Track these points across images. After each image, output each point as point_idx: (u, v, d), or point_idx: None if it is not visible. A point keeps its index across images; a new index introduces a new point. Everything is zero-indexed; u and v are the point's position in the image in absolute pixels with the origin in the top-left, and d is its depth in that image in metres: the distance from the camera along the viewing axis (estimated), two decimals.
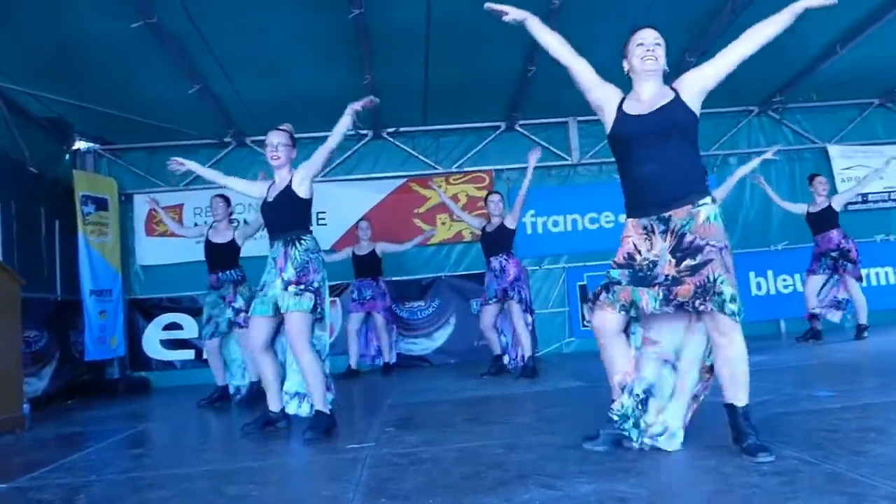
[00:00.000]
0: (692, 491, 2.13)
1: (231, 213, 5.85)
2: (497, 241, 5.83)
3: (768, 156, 6.33)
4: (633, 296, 2.62)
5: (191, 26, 5.25)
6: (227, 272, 5.51)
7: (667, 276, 2.58)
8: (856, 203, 8.05)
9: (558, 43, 2.84)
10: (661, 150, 2.61)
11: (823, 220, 6.47)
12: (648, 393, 2.75)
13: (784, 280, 7.91)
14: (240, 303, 5.41)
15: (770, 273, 7.90)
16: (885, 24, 5.93)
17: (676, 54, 6.26)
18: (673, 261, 2.58)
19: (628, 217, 2.74)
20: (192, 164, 4.17)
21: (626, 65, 2.79)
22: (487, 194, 6.26)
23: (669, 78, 2.81)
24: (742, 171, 6.24)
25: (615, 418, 2.74)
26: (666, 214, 2.61)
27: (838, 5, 6.04)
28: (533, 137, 8.06)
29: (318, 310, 3.62)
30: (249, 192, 4.04)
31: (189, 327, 7.52)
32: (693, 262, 2.54)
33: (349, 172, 7.98)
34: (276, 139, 3.81)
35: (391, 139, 8.04)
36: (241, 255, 5.69)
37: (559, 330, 7.83)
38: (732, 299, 2.47)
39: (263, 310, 3.66)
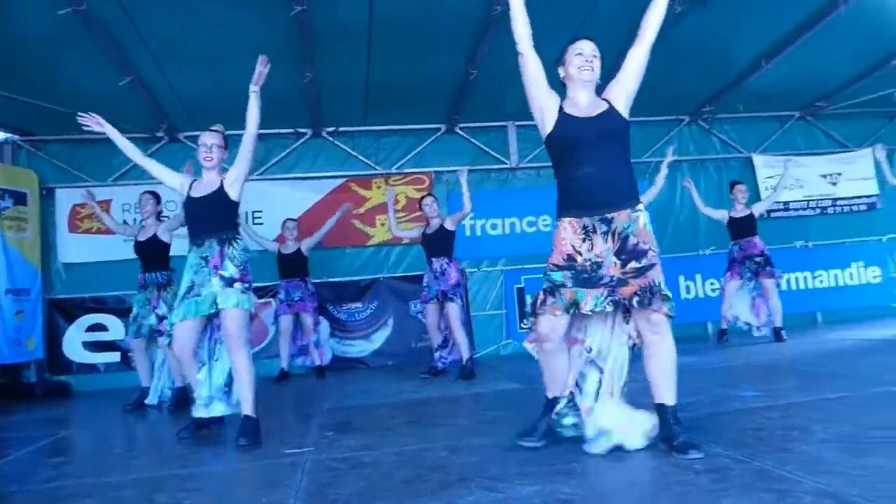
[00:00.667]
0: (632, 490, 2.18)
1: (160, 212, 5.65)
2: (438, 242, 5.88)
3: (669, 159, 6.50)
4: (576, 296, 2.65)
5: (123, 15, 5.05)
6: (154, 273, 5.34)
7: (612, 277, 2.64)
8: (777, 210, 8.46)
9: (524, 25, 2.82)
10: (603, 153, 2.71)
11: (747, 227, 6.74)
12: (576, 390, 2.82)
13: (711, 284, 8.20)
14: (163, 309, 5.20)
15: (698, 277, 8.19)
16: (804, 42, 6.25)
17: (616, 58, 6.41)
18: (618, 263, 2.65)
19: (564, 216, 2.76)
20: (109, 129, 3.94)
21: (562, 72, 2.87)
22: (422, 197, 6.25)
23: (601, 85, 2.89)
24: (660, 180, 6.43)
25: (556, 419, 2.80)
26: (609, 215, 2.67)
27: (764, 22, 6.35)
28: (473, 140, 8.12)
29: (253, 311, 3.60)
30: (167, 180, 3.88)
31: (115, 329, 7.21)
32: (638, 265, 2.63)
33: (287, 171, 7.84)
34: (210, 140, 3.75)
35: (331, 138, 7.94)
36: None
37: (496, 332, 7.90)
38: (672, 303, 2.62)
39: (200, 310, 3.54)
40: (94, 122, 3.95)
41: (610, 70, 2.95)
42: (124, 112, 6.72)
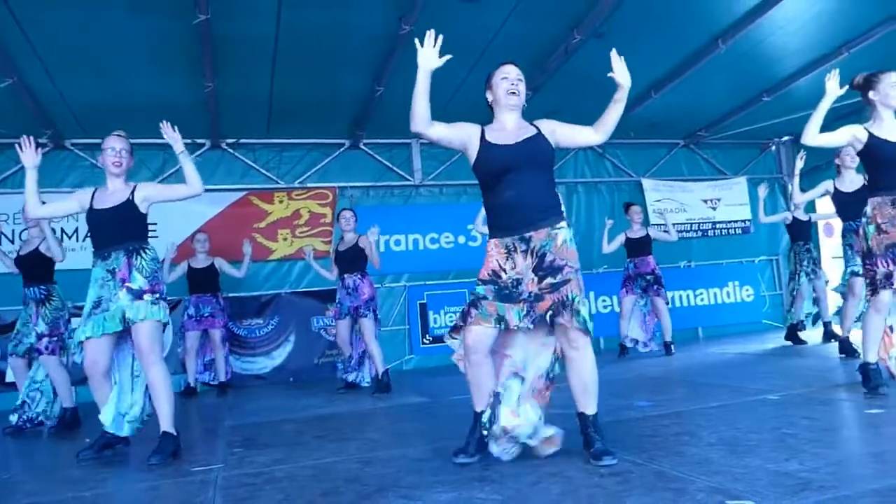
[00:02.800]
0: (542, 494, 2.28)
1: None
2: (352, 258, 5.88)
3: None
4: (499, 311, 2.76)
5: (6, 13, 4.74)
6: (33, 288, 4.99)
7: (530, 292, 2.77)
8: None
9: (425, 105, 2.84)
10: (524, 177, 2.82)
11: (642, 246, 7.18)
12: (496, 400, 2.86)
13: (603, 301, 8.63)
14: (41, 327, 4.87)
15: (592, 294, 8.58)
16: (688, 76, 6.75)
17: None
18: (535, 278, 2.77)
19: (491, 237, 2.90)
20: (30, 169, 3.59)
21: (489, 95, 3.00)
22: (340, 210, 6.20)
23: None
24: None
25: (484, 433, 2.84)
26: (527, 235, 2.80)
27: (653, 56, 6.80)
28: (376, 157, 8.18)
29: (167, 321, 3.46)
30: (70, 209, 3.71)
31: None
32: (553, 281, 2.75)
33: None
34: (120, 145, 3.61)
35: (231, 150, 7.75)
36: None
37: (399, 347, 7.92)
38: (588, 317, 2.74)
39: (109, 326, 3.36)
40: (31, 152, 3.62)
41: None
42: (3, 116, 6.30)
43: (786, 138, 9.66)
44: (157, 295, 3.42)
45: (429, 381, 6.30)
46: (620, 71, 2.90)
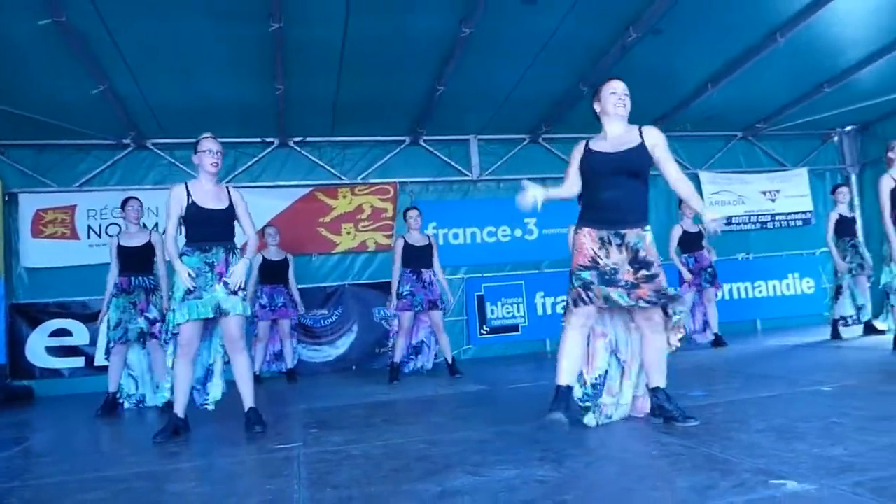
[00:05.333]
0: (598, 472, 2.48)
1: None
2: (427, 254, 6.28)
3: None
4: (604, 292, 3.22)
5: (101, 27, 5.16)
6: (140, 277, 5.38)
7: (627, 281, 3.24)
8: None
9: (565, 192, 3.46)
10: (622, 181, 3.27)
11: (699, 240, 7.21)
12: (603, 379, 3.38)
13: None
14: (153, 313, 5.31)
15: None
16: (746, 69, 6.74)
17: (573, 81, 6.81)
18: (631, 270, 3.25)
19: (584, 226, 3.32)
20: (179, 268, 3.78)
21: (597, 107, 3.42)
22: (406, 209, 6.48)
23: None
24: None
25: (580, 406, 3.33)
26: (622, 231, 3.26)
27: (710, 50, 6.81)
28: (436, 153, 8.42)
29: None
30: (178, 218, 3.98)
31: (79, 333, 7.22)
32: (647, 273, 3.24)
33: (254, 180, 7.96)
34: (216, 147, 3.92)
35: (297, 148, 8.11)
36: None
37: (457, 338, 8.14)
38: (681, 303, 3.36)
39: (202, 313, 3.71)
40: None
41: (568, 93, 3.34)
42: (92, 119, 6.79)
43: (849, 128, 9.48)
44: (246, 292, 3.88)
45: (487, 370, 6.53)
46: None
